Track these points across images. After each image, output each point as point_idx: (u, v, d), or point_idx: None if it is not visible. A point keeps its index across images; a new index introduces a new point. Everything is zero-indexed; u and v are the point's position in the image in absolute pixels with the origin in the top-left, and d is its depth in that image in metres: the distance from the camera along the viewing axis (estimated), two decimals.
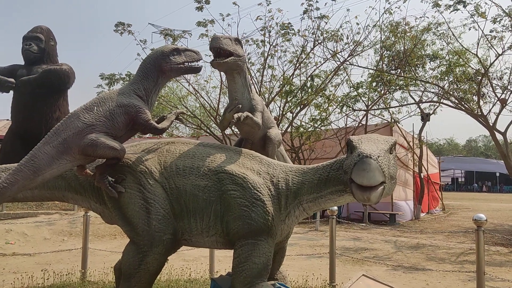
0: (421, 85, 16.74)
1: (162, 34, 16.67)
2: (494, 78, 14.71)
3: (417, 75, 16.58)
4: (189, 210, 3.44)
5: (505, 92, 14.22)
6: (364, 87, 16.43)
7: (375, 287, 3.54)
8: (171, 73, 3.74)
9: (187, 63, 3.74)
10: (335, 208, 6.27)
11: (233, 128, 15.75)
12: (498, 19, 12.84)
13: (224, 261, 7.58)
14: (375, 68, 16.76)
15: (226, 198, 3.38)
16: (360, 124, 17.34)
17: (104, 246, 8.89)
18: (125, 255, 3.48)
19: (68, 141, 3.25)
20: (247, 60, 16.20)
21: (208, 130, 18.35)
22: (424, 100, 17.96)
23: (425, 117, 18.50)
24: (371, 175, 2.71)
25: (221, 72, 12.38)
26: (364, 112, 17.20)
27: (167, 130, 3.83)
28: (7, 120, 23.83)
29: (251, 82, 14.64)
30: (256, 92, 15.37)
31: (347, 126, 17.66)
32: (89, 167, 3.61)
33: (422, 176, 18.61)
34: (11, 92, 12.15)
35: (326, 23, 15.51)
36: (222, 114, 4.08)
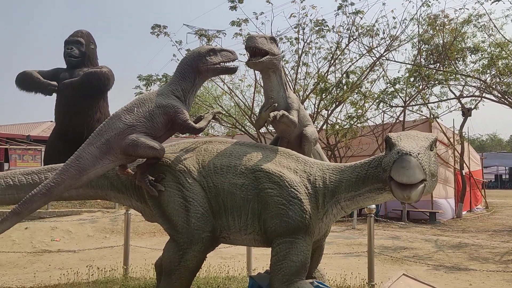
0: (461, 79, 16.20)
1: (197, 35, 16.89)
2: None
3: (457, 69, 16.05)
4: (227, 208, 3.49)
5: None
6: (401, 83, 16.06)
7: (416, 287, 3.48)
8: (207, 74, 3.79)
9: (223, 63, 3.78)
10: (373, 206, 6.18)
11: (267, 127, 15.79)
12: None
13: (261, 259, 7.62)
14: (413, 62, 16.35)
15: (263, 196, 3.41)
16: (397, 121, 16.97)
17: (144, 243, 9.12)
18: (166, 252, 3.57)
19: (111, 142, 3.37)
20: (282, 58, 16.20)
21: (243, 129, 18.45)
22: (465, 95, 17.37)
23: (466, 112, 17.87)
24: (411, 173, 2.66)
25: (256, 71, 12.44)
26: (402, 108, 16.82)
27: (203, 130, 3.90)
28: (51, 121, 24.81)
29: (287, 80, 14.62)
30: (291, 90, 15.35)
31: (384, 122, 17.31)
32: (130, 166, 3.72)
33: (464, 173, 18.01)
34: (54, 94, 12.69)
35: (361, 18, 15.26)
36: (257, 112, 4.10)
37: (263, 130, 17.06)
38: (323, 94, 15.93)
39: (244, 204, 3.45)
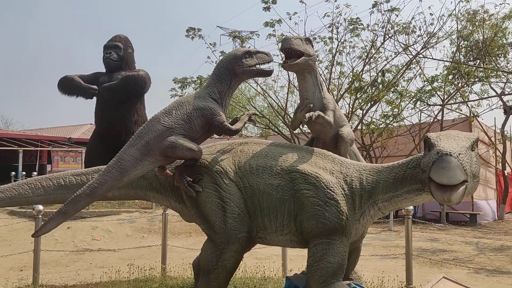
0: (503, 76, 15.61)
1: (231, 36, 17.05)
2: None
3: (498, 65, 15.48)
4: (263, 208, 3.52)
5: None
6: (439, 81, 15.63)
7: None
8: (243, 76, 3.84)
9: (258, 65, 3.82)
10: (411, 207, 6.05)
11: (301, 127, 15.73)
12: None
13: (296, 260, 7.61)
14: (451, 60, 15.90)
15: (299, 197, 3.42)
16: (435, 120, 16.52)
17: (180, 243, 9.28)
18: (203, 252, 3.64)
19: (150, 144, 3.47)
20: (317, 59, 16.10)
21: (276, 130, 18.46)
22: (506, 92, 16.71)
23: (508, 110, 17.18)
24: (451, 174, 2.60)
25: (290, 72, 12.43)
26: (440, 107, 16.37)
27: (239, 132, 3.96)
28: (91, 124, 25.63)
29: (322, 80, 14.53)
30: (326, 90, 15.24)
31: (422, 122, 16.89)
32: (169, 167, 3.82)
33: (506, 174, 17.34)
34: (95, 97, 13.10)
35: (397, 15, 14.97)
36: (290, 113, 4.12)
37: (296, 130, 17.02)
38: (358, 93, 15.73)
39: (280, 205, 3.47)
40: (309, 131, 4.26)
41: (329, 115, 3.81)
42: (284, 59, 3.80)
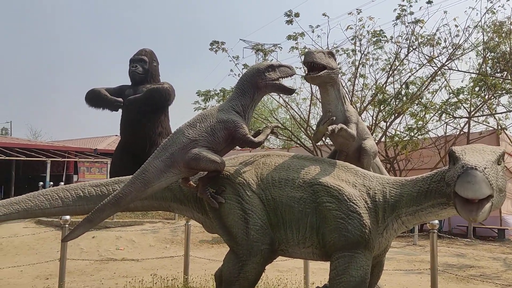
0: None
1: (253, 49, 17.23)
2: None
3: None
4: (285, 221, 3.52)
5: None
6: (465, 93, 15.37)
7: None
8: (266, 89, 3.89)
9: (281, 79, 3.86)
10: (436, 221, 5.95)
11: (324, 140, 15.67)
12: None
13: (318, 273, 7.54)
14: (477, 71, 15.63)
15: (322, 210, 3.42)
16: (461, 132, 16.21)
17: (202, 254, 9.33)
18: (226, 263, 3.66)
19: (175, 156, 3.54)
20: (340, 72, 16.08)
21: (298, 142, 18.43)
22: None
23: None
24: (477, 188, 2.57)
25: (312, 84, 12.45)
26: (466, 120, 16.07)
27: (262, 144, 3.99)
28: (116, 135, 26.16)
29: (345, 93, 14.48)
30: (349, 103, 15.17)
31: (447, 134, 16.60)
32: (192, 179, 3.87)
33: None
34: (120, 110, 13.39)
35: (421, 27, 14.87)
36: (313, 125, 4.14)
37: (319, 143, 16.97)
38: (381, 106, 15.60)
39: (302, 217, 3.48)
40: (331, 143, 4.26)
41: (352, 128, 3.81)
42: (306, 72, 3.84)
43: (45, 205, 3.87)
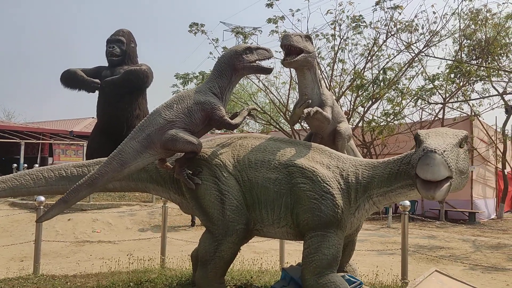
0: (505, 76, 15.65)
1: (233, 32, 17.08)
2: None
3: (500, 65, 15.51)
4: (261, 201, 3.59)
5: None
6: (440, 79, 15.67)
7: (449, 283, 3.47)
8: (244, 71, 3.91)
9: (259, 61, 3.89)
10: (407, 203, 6.14)
11: (302, 124, 15.79)
12: None
13: (293, 254, 7.69)
14: (453, 58, 15.93)
15: (296, 191, 3.49)
16: (436, 118, 16.58)
17: (180, 236, 9.38)
18: (202, 243, 3.72)
19: (151, 136, 3.55)
20: (317, 56, 16.15)
21: (277, 126, 18.52)
22: (508, 92, 16.75)
23: (509, 110, 17.23)
24: (435, 170, 2.69)
25: (289, 68, 12.49)
26: (441, 105, 16.42)
27: (239, 126, 4.03)
28: (93, 118, 25.73)
29: (321, 77, 14.56)
30: (326, 87, 15.28)
31: (422, 120, 16.95)
32: (169, 160, 3.89)
33: (506, 173, 17.39)
34: (97, 91, 13.17)
35: (400, 13, 15.00)
36: (292, 109, 4.19)
37: (297, 127, 17.09)
38: (359, 91, 15.78)
39: (277, 198, 3.55)
40: (309, 128, 4.33)
41: (327, 111, 3.88)
42: (284, 56, 3.87)
43: (30, 184, 3.95)
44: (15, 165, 17.34)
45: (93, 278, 5.25)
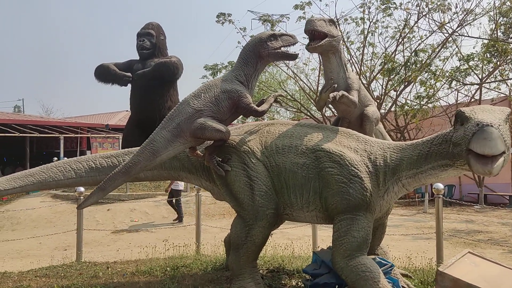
0: None
1: (261, 20, 17.05)
2: None
3: None
4: (289, 186, 3.64)
5: None
6: (476, 59, 15.14)
7: (482, 264, 3.42)
8: (269, 58, 3.94)
9: (284, 47, 3.91)
10: (441, 186, 6.03)
11: (333, 110, 15.64)
12: None
13: (327, 240, 7.69)
14: (489, 37, 15.34)
15: (324, 175, 3.52)
16: (472, 99, 16.06)
17: (214, 224, 9.57)
18: (233, 228, 3.81)
19: (181, 126, 3.65)
20: (346, 39, 15.93)
21: (308, 113, 18.42)
22: None
23: None
24: (493, 144, 2.63)
25: (314, 53, 12.39)
26: (477, 86, 15.88)
27: (268, 114, 4.07)
28: (127, 111, 26.34)
29: (348, 61, 14.35)
30: (356, 72, 15.07)
31: (458, 102, 16.47)
32: (199, 148, 3.99)
33: None
34: (129, 85, 13.48)
35: None
36: (318, 95, 4.19)
37: (328, 113, 16.96)
38: (391, 75, 15.46)
39: (306, 182, 3.59)
40: (336, 112, 4.32)
41: (354, 95, 3.86)
42: (308, 41, 3.87)
43: (59, 177, 4.07)
44: (55, 158, 18.04)
45: (132, 264, 5.46)
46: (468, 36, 15.40)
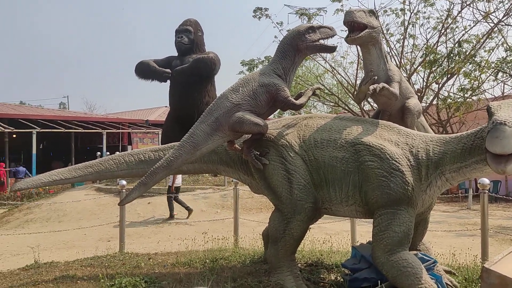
0: None
1: (298, 14, 16.92)
2: None
3: None
4: (328, 180, 3.61)
5: None
6: None
7: None
8: (307, 51, 3.91)
9: (322, 40, 3.86)
10: (487, 181, 5.81)
11: (372, 103, 15.36)
12: None
13: (366, 235, 7.59)
14: None
15: (364, 169, 3.47)
16: None
17: (252, 218, 9.63)
18: (272, 221, 3.82)
19: (220, 120, 3.69)
20: (385, 32, 15.56)
21: (346, 107, 18.17)
22: None
23: None
24: (505, 143, 2.55)
25: (357, 47, 12.16)
26: None
27: (305, 109, 4.06)
28: (166, 107, 26.88)
29: (388, 53, 14.02)
30: (396, 64, 14.69)
31: (505, 94, 15.77)
32: (237, 142, 4.03)
33: None
34: (168, 81, 13.73)
35: None
36: (358, 87, 4.12)
37: (367, 107, 16.66)
38: (433, 67, 14.99)
39: (345, 176, 3.54)
40: (376, 104, 4.24)
41: (395, 87, 3.77)
42: (347, 33, 3.81)
43: (113, 168, 4.36)
44: (98, 153, 18.66)
45: (172, 256, 5.59)
46: None
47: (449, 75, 15.04)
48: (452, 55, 14.65)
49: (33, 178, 4.41)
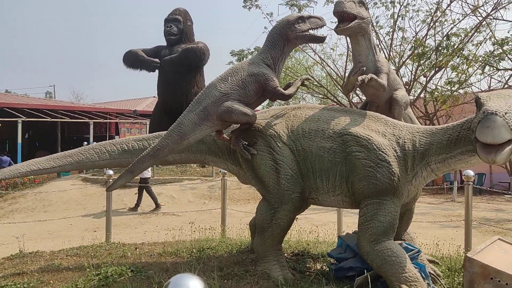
0: None
1: (288, 5, 16.83)
2: None
3: None
4: (315, 170, 3.62)
5: None
6: (510, 43, 14.58)
7: None
8: (296, 41, 3.89)
9: (311, 30, 3.85)
10: (471, 173, 5.89)
11: (360, 96, 15.42)
12: None
13: (352, 226, 7.67)
14: None
15: (351, 159, 3.49)
16: (506, 85, 15.52)
17: (239, 209, 9.65)
18: (259, 211, 3.83)
19: (208, 109, 3.66)
20: (375, 24, 15.58)
21: (335, 99, 18.21)
22: None
23: None
24: (495, 133, 2.57)
25: (347, 38, 12.16)
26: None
27: (294, 100, 4.05)
28: (154, 97, 26.67)
29: (377, 45, 14.06)
30: (385, 57, 14.74)
31: (491, 88, 15.95)
32: (226, 132, 4.01)
33: None
34: (157, 70, 13.62)
35: None
36: (346, 78, 4.12)
37: (355, 99, 16.73)
38: (421, 60, 15.07)
39: (332, 166, 3.56)
40: (364, 96, 4.25)
41: (383, 78, 3.78)
42: (337, 23, 3.80)
43: (94, 158, 4.28)
44: (85, 143, 18.47)
45: (159, 246, 5.58)
46: (503, 20, 14.82)
47: (436, 68, 15.15)
48: (440, 48, 14.74)
49: (10, 168, 4.26)
